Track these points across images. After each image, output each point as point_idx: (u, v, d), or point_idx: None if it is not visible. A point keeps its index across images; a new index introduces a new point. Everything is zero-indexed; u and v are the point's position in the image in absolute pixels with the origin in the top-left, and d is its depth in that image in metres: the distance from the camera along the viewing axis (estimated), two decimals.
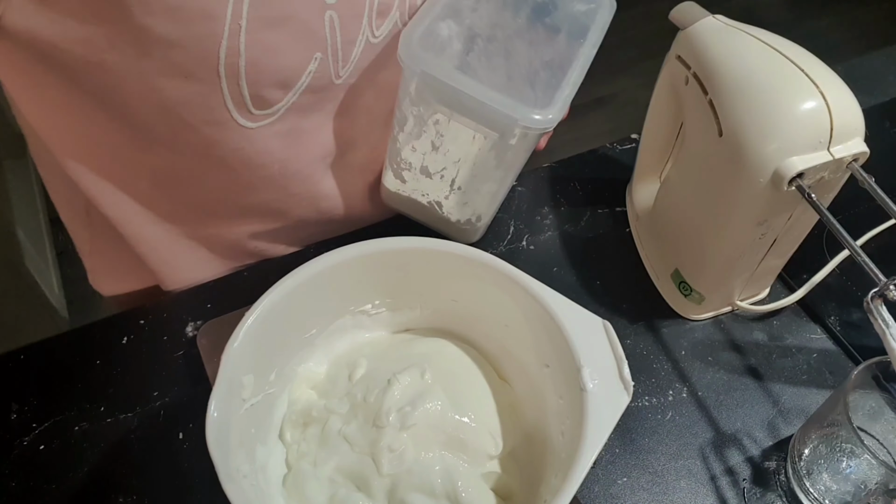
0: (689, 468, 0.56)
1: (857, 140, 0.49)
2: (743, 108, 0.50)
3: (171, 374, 0.59)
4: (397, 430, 0.48)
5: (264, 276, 0.50)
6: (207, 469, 0.39)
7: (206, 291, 0.65)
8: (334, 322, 0.54)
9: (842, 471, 0.50)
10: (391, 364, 0.52)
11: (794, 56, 0.50)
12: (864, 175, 0.49)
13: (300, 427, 0.52)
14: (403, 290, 0.54)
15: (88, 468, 0.54)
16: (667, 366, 0.62)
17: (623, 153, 0.78)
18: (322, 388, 0.54)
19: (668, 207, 0.64)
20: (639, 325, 0.64)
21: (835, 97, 0.48)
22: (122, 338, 0.61)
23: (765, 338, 0.64)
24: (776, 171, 0.49)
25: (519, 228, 0.71)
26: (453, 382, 0.52)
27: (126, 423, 0.56)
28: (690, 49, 0.55)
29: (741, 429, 0.58)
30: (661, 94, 0.62)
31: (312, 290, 0.49)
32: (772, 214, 0.53)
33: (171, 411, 0.57)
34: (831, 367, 0.62)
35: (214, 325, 0.61)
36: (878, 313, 0.45)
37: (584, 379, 0.44)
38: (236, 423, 0.44)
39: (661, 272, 0.66)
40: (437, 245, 0.50)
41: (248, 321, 0.46)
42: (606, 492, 0.55)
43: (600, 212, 0.73)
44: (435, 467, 0.48)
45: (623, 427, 0.58)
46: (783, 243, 0.58)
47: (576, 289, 0.66)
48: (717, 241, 0.57)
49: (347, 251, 0.50)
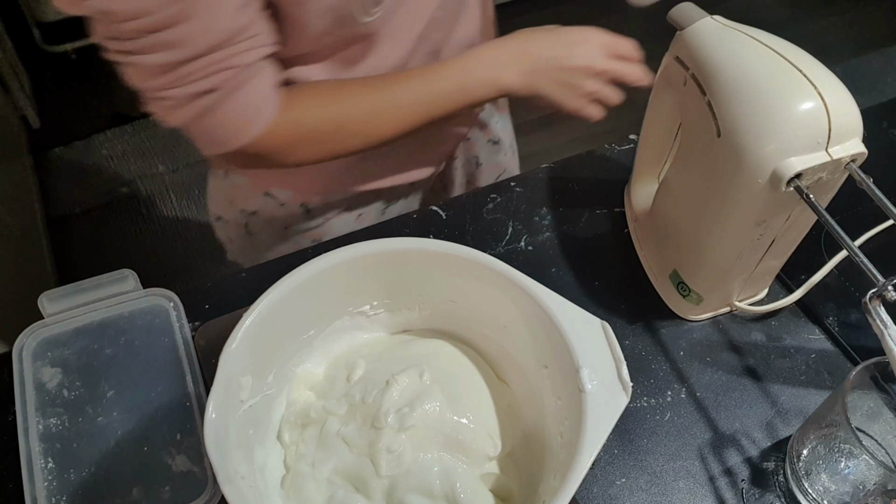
0: (688, 469, 0.56)
1: (855, 141, 0.49)
2: (741, 108, 0.50)
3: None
4: (396, 431, 0.48)
5: (262, 278, 0.50)
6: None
7: (203, 292, 0.65)
8: (332, 323, 0.54)
9: (840, 471, 0.50)
10: (390, 365, 0.52)
11: (792, 57, 0.50)
12: (862, 175, 0.49)
13: (298, 428, 0.52)
14: (402, 291, 0.54)
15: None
16: (665, 366, 0.62)
17: (621, 154, 0.78)
18: (320, 389, 0.54)
19: (667, 208, 0.64)
20: (637, 326, 0.64)
21: (833, 98, 0.48)
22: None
23: (763, 338, 0.64)
24: (774, 171, 0.49)
25: (517, 229, 0.71)
26: (452, 383, 0.52)
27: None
28: (689, 50, 0.55)
29: (740, 429, 0.58)
30: (660, 94, 0.62)
31: (310, 291, 0.49)
32: (770, 215, 0.53)
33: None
34: (829, 367, 0.62)
35: (212, 327, 0.61)
36: (877, 314, 0.45)
37: (583, 380, 0.44)
38: (234, 425, 0.44)
39: (660, 273, 0.66)
40: (436, 246, 0.50)
41: (246, 322, 0.46)
42: (605, 492, 0.55)
43: (598, 212, 0.73)
44: (433, 468, 0.48)
45: (622, 428, 0.58)
46: (781, 244, 0.58)
47: (574, 289, 0.66)
48: (715, 242, 0.57)
49: (346, 252, 0.50)
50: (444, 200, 0.74)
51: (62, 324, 0.61)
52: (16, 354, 0.59)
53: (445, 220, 0.72)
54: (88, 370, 0.59)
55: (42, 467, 0.54)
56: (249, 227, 0.81)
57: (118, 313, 0.62)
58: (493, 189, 0.75)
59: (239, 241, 0.84)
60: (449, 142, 0.84)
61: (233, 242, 0.85)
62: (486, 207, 0.73)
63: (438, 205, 0.73)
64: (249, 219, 0.79)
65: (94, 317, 0.62)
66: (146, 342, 0.61)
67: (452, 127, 0.82)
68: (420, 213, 0.73)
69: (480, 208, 0.73)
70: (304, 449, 0.50)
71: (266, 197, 0.77)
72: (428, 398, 0.50)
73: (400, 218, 0.73)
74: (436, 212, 0.73)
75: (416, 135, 0.67)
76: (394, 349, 0.56)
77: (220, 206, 0.82)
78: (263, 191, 0.77)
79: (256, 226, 0.80)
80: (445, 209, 0.73)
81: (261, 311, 0.46)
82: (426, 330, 0.57)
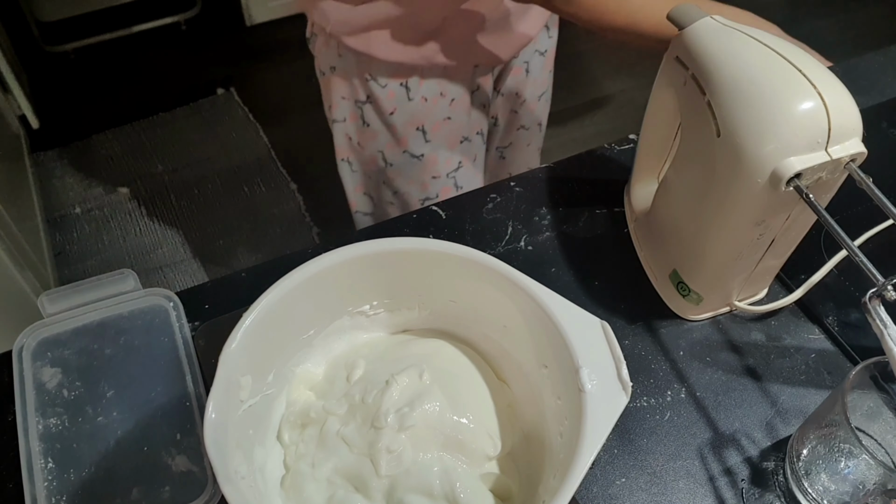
0: (688, 469, 0.56)
1: (854, 140, 0.49)
2: (741, 108, 0.50)
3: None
4: (396, 431, 0.48)
5: (262, 277, 0.50)
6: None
7: (203, 292, 0.65)
8: (332, 323, 0.54)
9: (840, 471, 0.50)
10: (389, 365, 0.52)
11: (791, 56, 0.50)
12: (861, 175, 0.49)
13: (298, 428, 0.52)
14: (402, 290, 0.54)
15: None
16: (665, 366, 0.62)
17: (621, 154, 0.78)
18: (320, 388, 0.54)
19: (666, 208, 0.64)
20: (637, 326, 0.64)
21: (832, 97, 0.48)
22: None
23: (763, 338, 0.64)
24: (774, 171, 0.49)
25: (517, 229, 0.71)
26: (452, 383, 0.52)
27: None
28: (688, 50, 0.55)
29: (739, 429, 0.58)
30: (660, 94, 0.62)
31: (310, 291, 0.49)
32: (770, 215, 0.53)
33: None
34: (829, 367, 0.62)
35: (212, 326, 0.61)
36: (876, 313, 0.45)
37: (583, 379, 0.44)
38: (234, 425, 0.44)
39: (660, 273, 0.66)
40: (436, 246, 0.50)
41: (246, 322, 0.46)
42: (605, 492, 0.55)
43: (598, 212, 0.73)
44: (433, 468, 0.48)
45: (621, 428, 0.58)
46: (781, 243, 0.58)
47: (574, 289, 0.66)
48: (715, 242, 0.57)
49: (345, 252, 0.50)
50: (446, 200, 0.74)
51: (62, 324, 0.61)
52: (16, 354, 0.59)
53: (445, 219, 0.72)
54: (88, 370, 0.59)
55: (42, 467, 0.54)
56: (364, 116, 0.96)
57: (118, 313, 0.62)
58: (493, 189, 0.75)
59: (357, 136, 0.98)
60: (517, 41, 0.97)
61: (351, 141, 1.00)
62: (485, 207, 0.73)
63: (438, 204, 0.73)
64: (363, 108, 0.95)
65: (94, 317, 0.62)
66: (146, 342, 0.61)
67: (524, 29, 0.95)
68: (420, 213, 0.73)
69: (480, 208, 0.73)
70: (304, 449, 0.50)
71: (370, 82, 0.91)
72: (428, 398, 0.50)
73: (400, 218, 0.73)
74: (435, 211, 0.73)
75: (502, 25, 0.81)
76: (394, 349, 0.56)
77: (333, 107, 0.98)
78: (367, 75, 0.91)
79: (369, 115, 0.95)
80: (445, 209, 0.73)
81: (260, 311, 0.46)
82: (426, 330, 0.57)
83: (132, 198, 1.90)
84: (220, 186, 1.93)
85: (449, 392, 0.51)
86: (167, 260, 1.78)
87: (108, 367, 0.59)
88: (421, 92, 0.94)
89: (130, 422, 0.56)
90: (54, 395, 0.58)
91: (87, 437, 0.56)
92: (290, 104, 2.13)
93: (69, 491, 0.53)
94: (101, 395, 0.58)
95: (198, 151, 2.02)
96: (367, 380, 0.52)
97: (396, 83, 0.92)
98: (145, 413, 0.57)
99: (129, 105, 2.13)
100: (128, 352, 0.60)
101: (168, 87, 2.19)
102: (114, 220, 1.86)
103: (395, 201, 1.06)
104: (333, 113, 0.99)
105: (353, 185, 1.07)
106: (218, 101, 2.15)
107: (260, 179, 1.95)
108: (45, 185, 1.92)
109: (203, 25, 2.36)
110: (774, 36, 0.52)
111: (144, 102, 2.13)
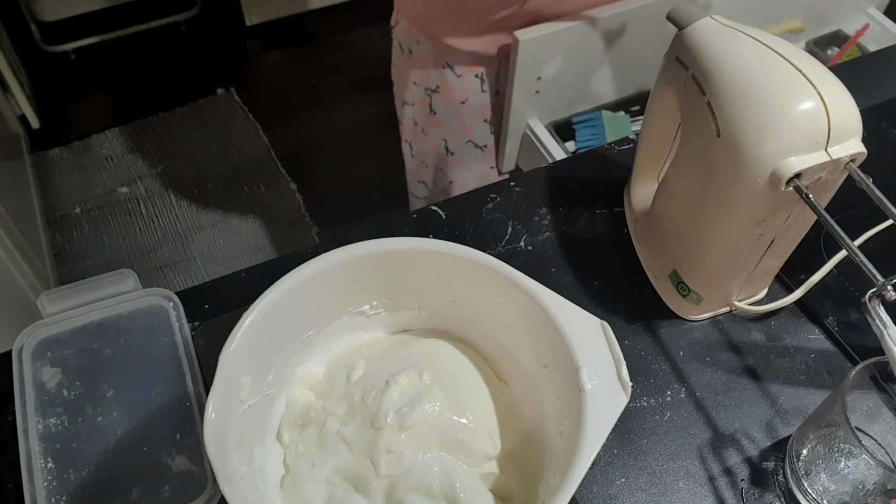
0: (688, 469, 0.56)
1: (854, 140, 0.49)
2: (741, 108, 0.50)
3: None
4: (395, 431, 0.48)
5: (262, 277, 0.50)
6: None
7: (203, 292, 0.65)
8: (332, 323, 0.54)
9: (840, 471, 0.50)
10: (389, 365, 0.52)
11: (791, 56, 0.50)
12: (861, 175, 0.49)
13: (298, 428, 0.52)
14: (401, 290, 0.54)
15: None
16: (665, 366, 0.62)
17: (621, 154, 0.78)
18: (320, 388, 0.54)
19: (666, 208, 0.64)
20: (637, 326, 0.64)
21: (832, 98, 0.48)
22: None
23: (763, 338, 0.64)
24: (774, 171, 0.49)
25: (517, 229, 0.71)
26: (451, 383, 0.52)
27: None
28: (688, 50, 0.55)
29: (739, 429, 0.58)
30: (660, 94, 0.62)
31: (310, 291, 0.49)
32: (770, 215, 0.53)
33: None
34: (829, 367, 0.62)
35: (212, 326, 0.61)
36: (876, 314, 0.45)
37: (583, 380, 0.44)
38: (234, 425, 0.44)
39: (660, 273, 0.66)
40: (436, 246, 0.50)
41: (246, 322, 0.46)
42: (605, 492, 0.55)
43: (598, 212, 0.73)
44: (433, 468, 0.48)
45: (621, 428, 0.58)
46: (781, 244, 0.58)
47: (574, 289, 0.66)
48: (715, 242, 0.57)
49: (345, 251, 0.50)
50: (444, 200, 0.74)
51: (62, 324, 0.61)
52: (15, 354, 0.59)
53: (445, 219, 0.72)
54: (88, 370, 0.59)
55: (42, 467, 0.54)
56: (433, 104, 0.98)
57: (118, 313, 0.62)
58: (493, 189, 0.75)
59: (423, 121, 1.01)
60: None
61: (416, 126, 1.02)
62: (485, 207, 0.73)
63: (438, 204, 0.73)
64: (432, 96, 0.97)
65: (94, 317, 0.62)
66: (146, 342, 0.61)
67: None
68: (420, 213, 0.73)
69: (480, 208, 0.73)
70: (304, 449, 0.50)
71: (445, 69, 0.93)
72: (428, 398, 0.50)
73: (400, 218, 0.73)
74: (435, 211, 0.73)
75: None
76: (393, 349, 0.56)
77: (404, 90, 1.00)
78: (443, 64, 0.93)
79: (437, 104, 0.97)
80: (445, 209, 0.73)
81: (260, 311, 0.46)
82: (426, 330, 0.57)
83: (132, 198, 1.90)
84: (220, 186, 1.93)
85: (449, 392, 0.51)
86: (167, 260, 1.78)
87: (107, 367, 0.59)
88: (496, 85, 0.96)
89: (130, 422, 0.56)
90: (54, 394, 0.58)
91: (86, 437, 0.56)
92: (290, 104, 2.13)
93: (69, 491, 0.53)
94: (100, 395, 0.58)
95: (198, 151, 2.02)
96: (367, 380, 0.52)
97: (472, 74, 0.94)
98: (145, 413, 0.57)
99: (129, 105, 2.13)
100: (128, 352, 0.60)
101: (168, 86, 2.19)
102: (114, 220, 1.86)
103: (450, 190, 1.08)
104: (405, 95, 1.02)
105: (410, 168, 1.12)
106: (218, 101, 2.15)
107: (260, 179, 1.95)
108: (45, 185, 1.92)
109: (203, 25, 2.36)
110: (774, 36, 0.52)
111: (144, 102, 2.13)
